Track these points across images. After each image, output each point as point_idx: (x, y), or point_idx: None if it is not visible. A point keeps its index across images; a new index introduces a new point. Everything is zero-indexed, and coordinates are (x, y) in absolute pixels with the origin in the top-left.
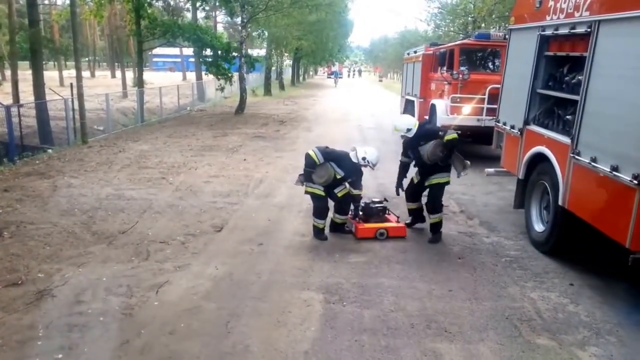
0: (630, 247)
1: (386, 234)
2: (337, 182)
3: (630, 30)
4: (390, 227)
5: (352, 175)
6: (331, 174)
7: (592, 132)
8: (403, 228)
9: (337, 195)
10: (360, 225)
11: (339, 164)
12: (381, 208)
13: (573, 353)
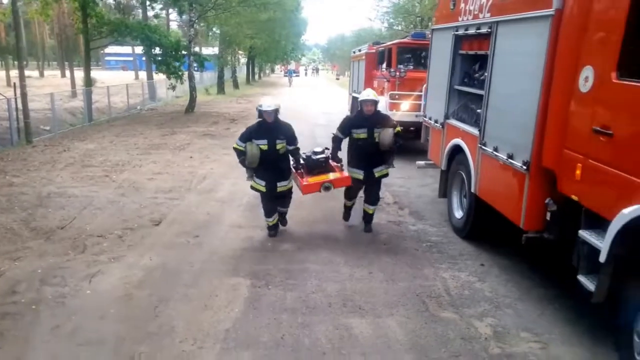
0: (524, 227)
1: (332, 187)
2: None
3: (518, 31)
4: (335, 179)
5: (278, 134)
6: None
7: (494, 124)
8: (347, 178)
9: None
10: (304, 181)
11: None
12: (323, 159)
13: (471, 323)
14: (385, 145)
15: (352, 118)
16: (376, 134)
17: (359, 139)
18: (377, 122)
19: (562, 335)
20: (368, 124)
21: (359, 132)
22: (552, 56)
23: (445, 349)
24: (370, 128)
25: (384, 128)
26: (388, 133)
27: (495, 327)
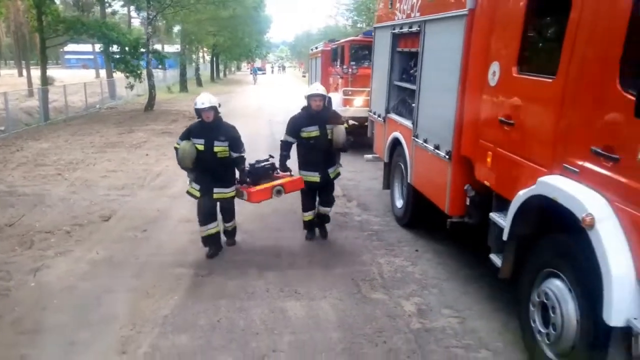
0: (448, 212)
1: (283, 191)
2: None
3: (441, 29)
4: (286, 182)
5: (218, 134)
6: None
7: (424, 117)
8: (299, 180)
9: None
10: (251, 189)
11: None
12: (269, 166)
13: (398, 303)
14: (340, 143)
15: (299, 117)
16: (329, 130)
17: (311, 138)
18: (327, 118)
19: (480, 311)
20: (319, 121)
21: (310, 131)
22: (467, 53)
23: (371, 325)
24: (322, 125)
25: (336, 125)
26: (341, 130)
27: (420, 305)
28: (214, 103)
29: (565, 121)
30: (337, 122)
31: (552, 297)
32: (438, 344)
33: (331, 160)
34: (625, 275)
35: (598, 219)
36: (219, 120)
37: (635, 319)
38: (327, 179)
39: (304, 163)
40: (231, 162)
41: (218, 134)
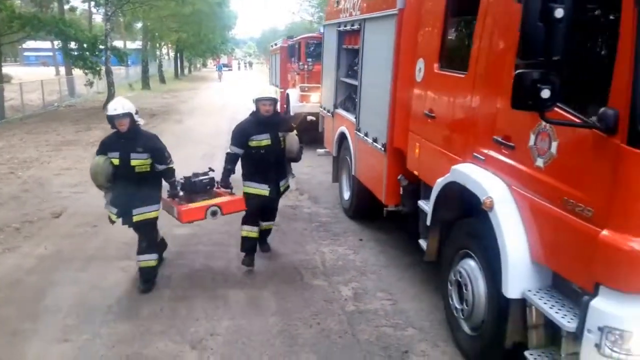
0: (385, 202)
1: (220, 212)
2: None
3: (377, 27)
4: (225, 202)
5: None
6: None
7: (365, 111)
8: (240, 200)
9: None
10: (183, 207)
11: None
12: (207, 180)
13: (336, 288)
14: (293, 152)
15: (247, 124)
16: (281, 138)
17: (261, 147)
18: (279, 124)
19: (413, 294)
20: (270, 128)
21: (261, 139)
22: (397, 50)
23: (308, 309)
24: (274, 132)
25: (288, 132)
26: (294, 138)
27: (357, 290)
28: (128, 109)
29: (473, 113)
30: (289, 129)
31: (465, 276)
32: (368, 324)
33: (283, 171)
34: (520, 252)
35: (497, 202)
36: (136, 130)
37: (529, 291)
38: (277, 193)
39: (252, 175)
40: (154, 177)
41: (135, 146)
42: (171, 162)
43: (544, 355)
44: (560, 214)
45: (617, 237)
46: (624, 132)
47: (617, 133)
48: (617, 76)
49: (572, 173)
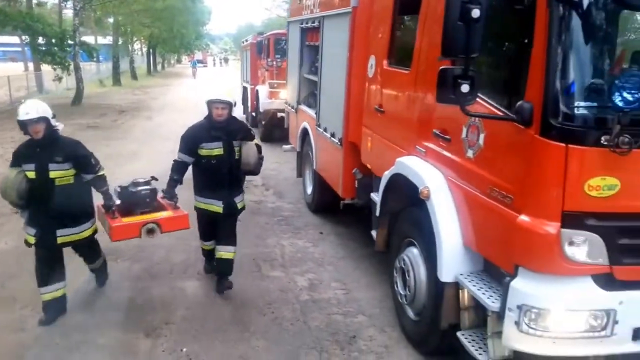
0: (342, 195)
1: (158, 230)
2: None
3: (334, 25)
4: (164, 218)
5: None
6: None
7: (324, 107)
8: (183, 218)
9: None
10: (115, 222)
11: None
12: (148, 191)
13: (293, 279)
14: (250, 164)
15: (198, 129)
16: (236, 148)
17: (212, 157)
18: (235, 132)
19: (366, 284)
20: (223, 135)
21: (212, 148)
22: (352, 47)
23: (263, 299)
24: (228, 141)
25: (246, 141)
26: (252, 149)
27: (312, 281)
28: (43, 113)
29: (416, 108)
30: (247, 137)
31: (408, 263)
32: (321, 312)
33: (239, 185)
34: (453, 238)
35: (433, 191)
36: (53, 136)
37: (462, 274)
38: (232, 210)
39: (202, 188)
40: (82, 189)
41: (53, 155)
42: (101, 169)
43: (475, 335)
44: (487, 202)
45: (532, 221)
46: (538, 123)
47: (532, 125)
48: (532, 72)
49: (496, 163)
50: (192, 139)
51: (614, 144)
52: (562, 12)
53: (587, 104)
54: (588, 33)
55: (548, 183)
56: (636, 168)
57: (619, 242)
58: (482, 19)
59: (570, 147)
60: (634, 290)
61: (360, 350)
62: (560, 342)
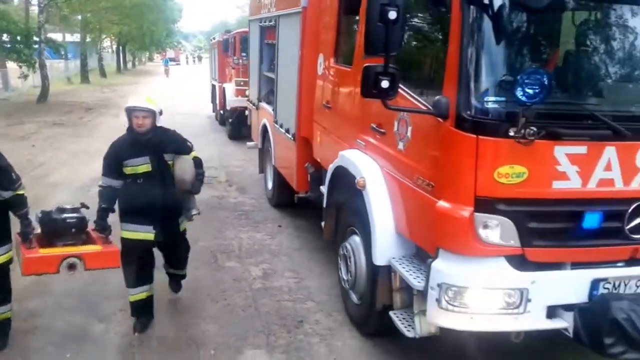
0: (296, 188)
1: (82, 265)
2: None
3: (288, 24)
4: (90, 253)
5: None
6: None
7: (281, 104)
8: (114, 253)
9: None
10: (30, 253)
11: None
12: (75, 220)
13: (248, 269)
14: (186, 181)
15: (119, 144)
16: (169, 162)
17: (139, 175)
18: (164, 144)
19: (319, 273)
20: (150, 149)
21: (138, 164)
22: (303, 45)
23: (217, 288)
24: (156, 155)
25: (179, 155)
26: (188, 162)
27: (266, 270)
28: None
29: (357, 103)
30: (181, 150)
31: (349, 250)
32: (271, 299)
33: (175, 206)
34: (387, 225)
35: (369, 182)
36: None
37: (394, 258)
38: (172, 236)
39: (129, 213)
40: None
41: None
42: (20, 187)
43: (405, 314)
44: (414, 190)
45: (448, 206)
46: (453, 117)
47: (449, 118)
48: (448, 70)
49: (420, 153)
50: (114, 156)
51: (520, 135)
52: (473, 15)
53: (495, 99)
54: (497, 34)
55: (462, 171)
56: (541, 157)
57: (528, 226)
58: (399, 20)
59: (481, 138)
60: (545, 271)
61: (306, 333)
62: (478, 318)
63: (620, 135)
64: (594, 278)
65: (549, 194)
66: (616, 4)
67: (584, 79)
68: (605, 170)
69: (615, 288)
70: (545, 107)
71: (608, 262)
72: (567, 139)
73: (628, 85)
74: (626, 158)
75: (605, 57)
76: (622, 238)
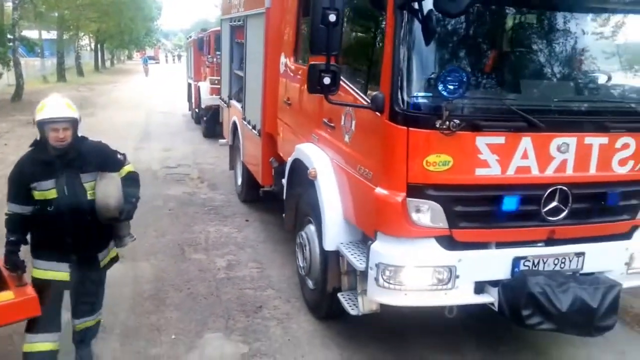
0: (261, 182)
1: None
2: None
3: (254, 24)
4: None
5: None
6: None
7: (249, 101)
8: (32, 300)
9: None
10: None
11: None
12: None
13: (213, 260)
14: (111, 208)
15: (26, 162)
16: (87, 184)
17: (49, 201)
18: (83, 161)
19: (281, 264)
20: (63, 166)
21: (47, 189)
22: (266, 44)
23: (182, 278)
24: (70, 174)
25: (103, 174)
26: (112, 183)
27: (231, 261)
28: None
29: (311, 100)
30: (107, 166)
31: (305, 238)
32: (233, 287)
33: (99, 235)
34: (335, 212)
35: (320, 172)
36: None
37: (342, 243)
38: (90, 273)
39: (41, 247)
40: None
41: None
42: None
43: (352, 295)
44: (357, 179)
45: (384, 192)
46: (387, 111)
47: (384, 112)
48: (383, 68)
49: (362, 145)
50: (18, 178)
51: (445, 127)
52: (404, 19)
53: (423, 95)
54: (425, 37)
55: (395, 160)
56: (464, 147)
57: (455, 209)
58: (339, 22)
59: (411, 130)
60: (471, 250)
61: (264, 317)
62: (411, 294)
63: (536, 127)
64: (515, 256)
65: (472, 180)
66: (530, 9)
67: (503, 76)
68: (522, 159)
69: (534, 265)
70: (468, 102)
71: (529, 242)
72: (487, 131)
73: (543, 82)
74: (541, 147)
75: (522, 57)
76: (540, 220)
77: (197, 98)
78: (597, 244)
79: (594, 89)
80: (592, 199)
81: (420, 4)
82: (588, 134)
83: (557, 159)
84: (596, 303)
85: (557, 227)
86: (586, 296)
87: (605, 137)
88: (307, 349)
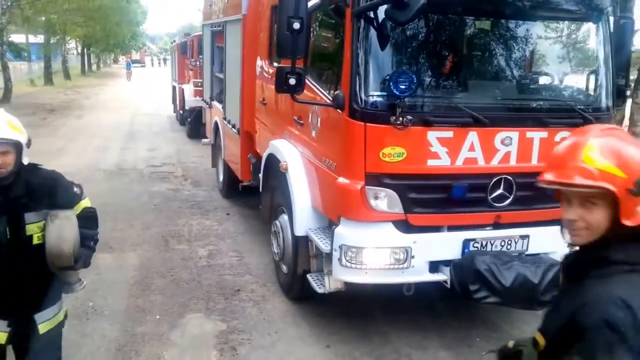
0: (241, 178)
1: None
2: None
3: (232, 29)
4: None
5: None
6: None
7: (229, 102)
8: None
9: None
10: None
11: None
12: None
13: (195, 250)
14: (64, 255)
15: None
16: (34, 224)
17: None
18: (30, 196)
19: (259, 253)
20: (2, 205)
21: None
22: (244, 48)
23: (166, 266)
24: (12, 216)
25: (55, 213)
26: (68, 225)
27: (212, 251)
28: None
29: (284, 99)
30: (58, 201)
31: (279, 226)
32: (214, 274)
33: (44, 288)
34: (304, 201)
35: (290, 165)
36: None
37: (310, 229)
38: (33, 335)
39: None
40: None
41: None
42: None
43: (319, 275)
44: (323, 170)
45: (345, 181)
46: (347, 108)
47: (344, 109)
48: (344, 70)
49: (326, 139)
50: None
51: (399, 123)
52: (361, 26)
53: (379, 94)
54: (380, 42)
55: (354, 152)
56: (417, 140)
57: (409, 196)
58: (303, 30)
59: (368, 125)
60: (425, 233)
61: (241, 299)
62: (372, 272)
63: (481, 123)
64: (465, 238)
65: (424, 170)
66: (475, 18)
67: (452, 77)
68: (470, 151)
69: (483, 247)
70: (420, 100)
71: (478, 226)
72: (437, 126)
73: (488, 82)
74: (486, 141)
75: (470, 60)
76: (487, 206)
77: (181, 100)
78: (541, 228)
79: (535, 89)
80: (534, 187)
81: (375, 14)
82: (529, 129)
83: (501, 151)
84: (537, 279)
85: (503, 213)
86: (528, 273)
87: (545, 131)
88: (280, 326)
